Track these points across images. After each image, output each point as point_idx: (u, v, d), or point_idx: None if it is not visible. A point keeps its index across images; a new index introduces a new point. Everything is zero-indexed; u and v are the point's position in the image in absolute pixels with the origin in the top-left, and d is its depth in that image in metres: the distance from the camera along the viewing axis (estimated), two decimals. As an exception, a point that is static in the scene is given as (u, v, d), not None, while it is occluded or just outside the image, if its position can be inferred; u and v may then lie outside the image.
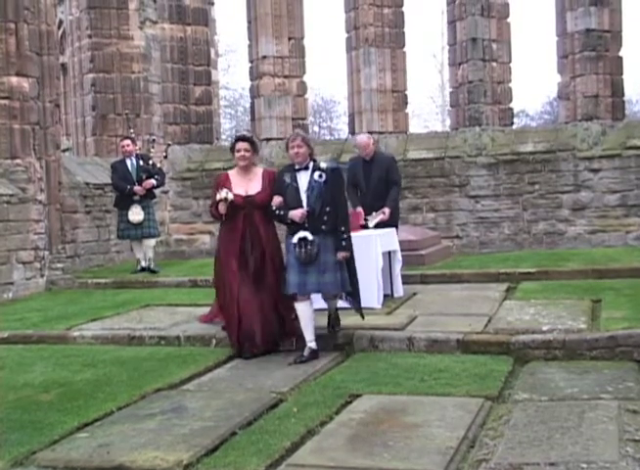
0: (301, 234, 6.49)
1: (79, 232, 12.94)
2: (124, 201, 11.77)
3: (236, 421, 4.78)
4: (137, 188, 11.62)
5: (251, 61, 15.62)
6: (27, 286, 10.79)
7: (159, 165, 12.13)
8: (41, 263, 11.11)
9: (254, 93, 15.63)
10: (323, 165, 6.64)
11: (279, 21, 15.15)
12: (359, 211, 9.00)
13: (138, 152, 12.14)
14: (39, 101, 11.44)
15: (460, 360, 6.11)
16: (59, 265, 11.64)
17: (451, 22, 14.95)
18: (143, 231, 11.74)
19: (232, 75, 40.33)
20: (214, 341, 7.09)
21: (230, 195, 6.66)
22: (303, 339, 6.62)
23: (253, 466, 4.04)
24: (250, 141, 6.91)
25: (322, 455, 4.16)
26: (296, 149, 6.59)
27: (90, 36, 14.66)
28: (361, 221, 8.84)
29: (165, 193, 14.73)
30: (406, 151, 14.56)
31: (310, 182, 6.57)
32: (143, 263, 11.87)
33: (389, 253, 8.83)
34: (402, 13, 15.09)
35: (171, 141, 14.55)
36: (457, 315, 7.67)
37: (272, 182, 6.79)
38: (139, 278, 11.41)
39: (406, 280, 9.24)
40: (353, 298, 6.79)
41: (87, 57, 14.73)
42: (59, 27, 16.91)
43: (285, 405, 5.17)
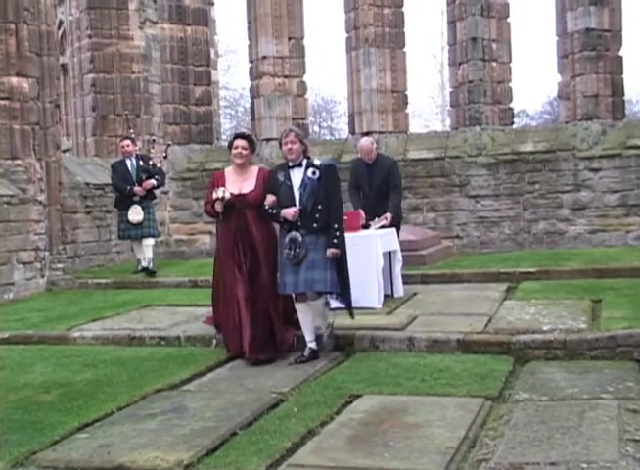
0: (292, 234, 6.37)
1: (80, 232, 12.95)
2: (124, 201, 11.77)
3: (236, 421, 4.78)
4: (137, 188, 11.61)
5: (251, 61, 15.62)
6: (28, 286, 10.80)
7: (159, 166, 12.12)
8: (42, 264, 11.11)
9: (254, 93, 15.63)
10: (317, 162, 6.51)
11: (279, 21, 15.16)
12: (360, 212, 8.97)
13: (138, 152, 12.13)
14: (39, 101, 11.44)
15: (460, 360, 6.11)
16: (59, 266, 11.64)
17: (451, 21, 14.95)
18: (143, 231, 11.73)
19: (232, 76, 40.31)
20: (215, 341, 7.09)
21: (227, 193, 6.57)
22: (304, 339, 6.58)
23: (254, 466, 4.04)
24: (248, 139, 6.81)
25: (322, 455, 4.16)
26: (289, 145, 6.46)
27: (90, 37, 14.67)
28: (362, 222, 8.83)
29: (166, 193, 14.73)
30: (406, 151, 14.56)
31: (304, 180, 6.44)
32: (144, 264, 11.87)
33: (390, 253, 8.84)
34: (402, 13, 15.09)
35: (171, 141, 14.54)
36: (457, 315, 7.68)
37: (266, 181, 6.68)
38: (140, 278, 11.43)
39: (406, 280, 9.24)
40: (343, 297, 6.58)
41: (87, 57, 14.74)
42: (59, 28, 16.90)
43: (285, 405, 5.17)
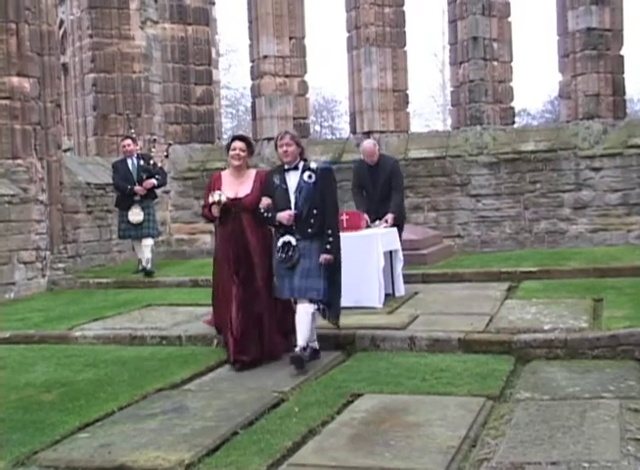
0: (286, 238, 6.24)
1: (81, 232, 12.96)
2: (125, 201, 11.75)
3: (237, 421, 4.78)
4: (137, 188, 11.59)
5: (252, 60, 15.62)
6: (29, 286, 10.80)
7: (160, 165, 12.11)
8: (43, 263, 11.12)
9: (255, 93, 15.63)
10: (313, 166, 6.36)
11: (280, 20, 15.16)
12: (360, 212, 8.96)
13: (139, 152, 12.12)
14: (40, 101, 11.45)
15: (461, 360, 6.11)
16: (60, 265, 11.65)
17: (452, 21, 14.94)
18: (143, 231, 11.71)
19: (233, 75, 40.34)
20: (216, 341, 7.08)
21: (223, 197, 6.45)
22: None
23: (255, 466, 4.04)
24: (246, 141, 6.74)
25: (323, 455, 4.16)
26: (284, 147, 6.30)
27: (91, 36, 14.68)
28: (364, 224, 8.82)
29: (167, 193, 14.73)
30: (407, 150, 14.55)
31: (299, 183, 6.30)
32: (143, 264, 11.87)
33: (391, 252, 8.84)
34: (403, 12, 15.09)
35: (172, 141, 14.55)
36: (458, 315, 7.67)
37: (262, 184, 6.55)
38: (140, 278, 11.42)
39: (408, 279, 9.24)
40: (330, 308, 6.38)
41: (88, 57, 14.75)
42: (60, 27, 16.90)
43: (286, 405, 5.17)
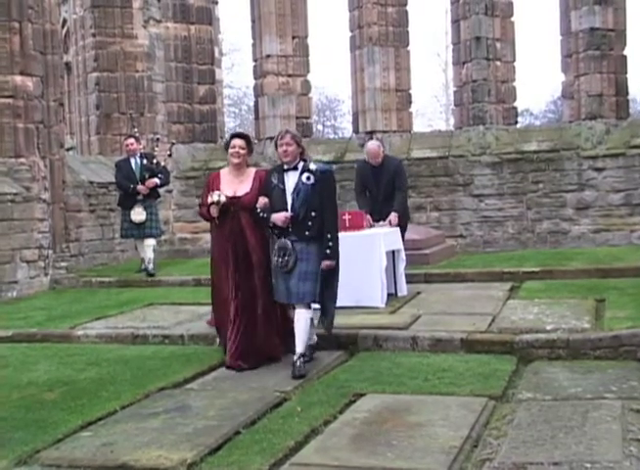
0: (282, 242, 6.11)
1: (83, 231, 12.97)
2: (128, 200, 11.73)
3: (240, 420, 4.78)
4: (140, 187, 11.58)
5: (255, 59, 15.63)
6: (31, 285, 10.81)
7: (162, 164, 12.10)
8: (45, 262, 11.12)
9: (258, 92, 15.63)
10: (312, 167, 6.19)
11: (283, 19, 15.17)
12: (363, 213, 8.95)
13: (142, 151, 12.11)
14: (43, 100, 11.45)
15: (464, 360, 6.11)
16: (63, 264, 11.65)
17: (455, 21, 14.94)
18: (145, 231, 11.70)
19: (236, 74, 40.38)
20: (218, 340, 7.08)
21: (222, 197, 6.31)
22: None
23: (257, 465, 4.04)
24: (246, 139, 6.56)
25: (326, 454, 4.16)
26: (284, 147, 6.16)
27: (94, 35, 14.70)
28: (367, 224, 8.81)
29: (169, 192, 14.74)
30: (410, 150, 14.55)
31: (297, 184, 6.14)
32: (146, 264, 11.86)
33: (393, 252, 8.83)
34: (406, 12, 15.09)
35: (175, 140, 14.55)
36: (461, 315, 7.67)
37: (261, 183, 6.41)
38: (143, 277, 11.43)
39: (410, 279, 9.24)
40: (324, 314, 6.31)
41: (91, 56, 14.76)
42: (63, 26, 16.90)
43: (289, 405, 5.17)
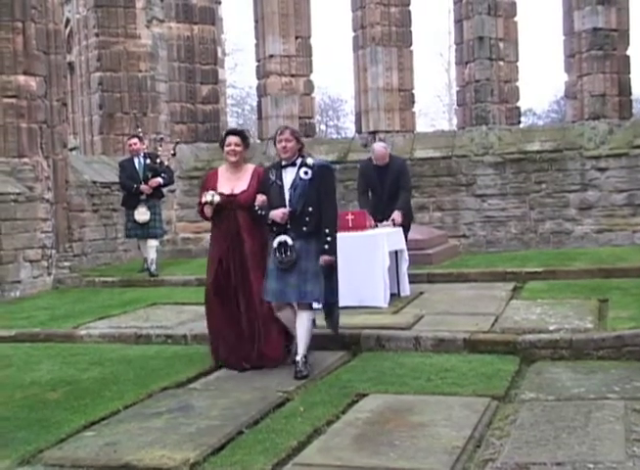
0: (282, 238, 5.95)
1: (86, 231, 12.98)
2: (131, 200, 11.71)
3: (242, 420, 4.78)
4: (143, 186, 11.56)
5: (258, 60, 15.64)
6: (35, 284, 10.82)
7: (166, 164, 12.09)
8: (48, 262, 11.13)
9: (261, 92, 15.64)
10: (310, 162, 6.10)
11: (286, 19, 15.18)
12: (365, 212, 8.95)
13: (146, 150, 12.11)
14: (46, 100, 11.46)
15: (467, 360, 6.11)
16: (66, 264, 11.67)
17: (458, 20, 14.94)
18: (149, 231, 11.69)
19: (239, 74, 40.31)
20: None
21: (216, 197, 6.15)
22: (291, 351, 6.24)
23: (260, 465, 4.04)
24: (241, 135, 6.37)
25: (328, 454, 4.15)
26: (283, 143, 6.03)
27: (97, 35, 14.71)
28: (370, 222, 8.81)
29: (172, 192, 14.74)
30: (413, 150, 14.55)
31: (295, 179, 6.03)
32: (148, 264, 11.86)
33: (396, 252, 8.83)
34: (409, 12, 15.09)
35: (178, 140, 14.55)
36: (464, 315, 7.66)
37: (259, 181, 6.26)
38: (146, 277, 11.43)
39: (413, 279, 9.23)
40: (329, 315, 6.20)
41: (94, 55, 14.77)
42: (66, 26, 16.93)
43: (291, 404, 5.16)
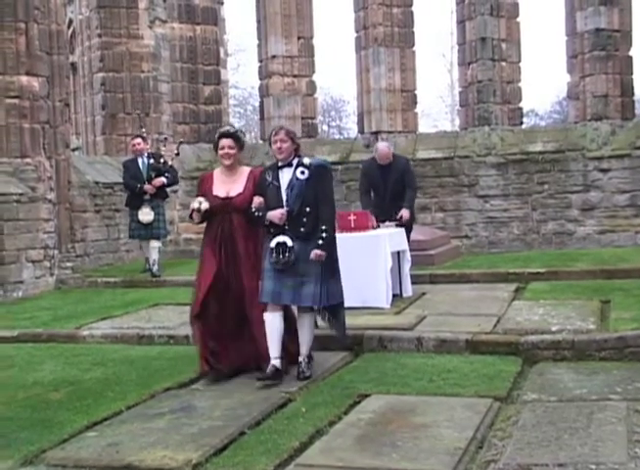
0: (280, 238, 5.81)
1: (89, 231, 12.99)
2: (135, 200, 11.69)
3: (245, 421, 4.78)
4: (147, 186, 11.55)
5: (261, 60, 15.65)
6: (37, 285, 10.83)
7: (170, 163, 12.07)
8: (51, 262, 11.14)
9: (264, 92, 15.65)
10: (306, 161, 5.97)
11: (288, 20, 15.19)
12: (368, 212, 8.95)
13: (150, 150, 12.11)
14: (49, 100, 11.47)
15: (469, 361, 6.10)
16: (68, 264, 11.68)
17: (460, 21, 14.94)
18: (153, 232, 11.68)
19: (241, 74, 40.38)
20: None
21: (204, 205, 5.94)
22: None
23: (262, 466, 4.04)
24: (233, 137, 6.13)
25: (331, 455, 4.16)
26: (279, 143, 5.92)
27: (100, 36, 14.73)
28: (372, 222, 8.81)
29: (175, 192, 14.73)
30: (415, 150, 14.55)
31: (291, 180, 5.92)
32: (151, 265, 11.86)
33: (399, 252, 8.84)
34: (412, 12, 15.09)
35: (182, 140, 14.55)
36: (466, 315, 7.67)
37: (255, 183, 6.09)
38: (148, 277, 11.44)
39: (415, 280, 9.24)
40: (335, 318, 6.06)
41: (97, 56, 14.79)
42: (68, 27, 16.94)
43: (293, 405, 5.16)
